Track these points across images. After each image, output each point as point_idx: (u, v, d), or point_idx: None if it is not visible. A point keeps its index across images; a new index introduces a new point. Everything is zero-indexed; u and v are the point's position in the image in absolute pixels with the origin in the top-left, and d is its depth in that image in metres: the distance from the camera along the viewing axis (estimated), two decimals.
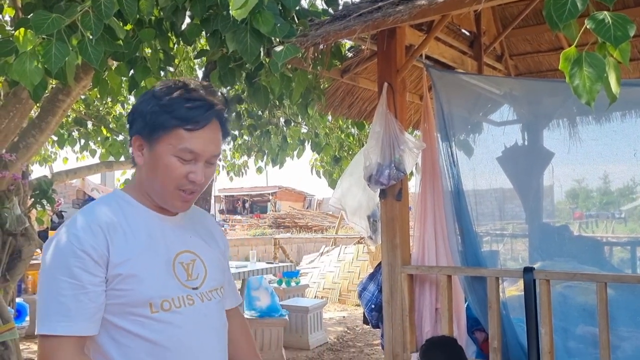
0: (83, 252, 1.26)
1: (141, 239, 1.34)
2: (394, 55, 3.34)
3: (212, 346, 1.40)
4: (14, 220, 4.72)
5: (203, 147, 1.34)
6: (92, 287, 1.26)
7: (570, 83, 1.94)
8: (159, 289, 1.32)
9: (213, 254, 1.49)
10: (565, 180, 4.62)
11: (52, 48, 2.53)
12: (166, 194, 1.36)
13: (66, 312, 1.24)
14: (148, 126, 1.34)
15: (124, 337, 1.30)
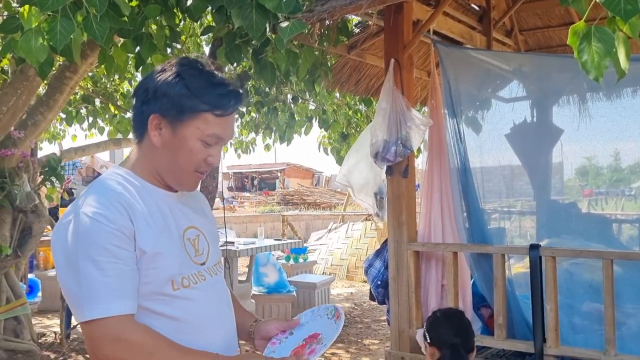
0: (118, 230, 1.24)
1: (156, 218, 1.33)
2: (401, 31, 3.30)
3: (226, 318, 1.45)
4: (24, 197, 4.77)
5: (228, 133, 1.37)
6: (132, 265, 1.25)
7: (579, 58, 1.91)
8: (178, 266, 1.33)
9: (212, 229, 1.50)
10: (575, 158, 4.59)
11: (57, 25, 2.51)
12: (183, 176, 1.37)
13: (116, 292, 1.21)
14: (175, 108, 1.31)
15: (147, 317, 1.29)
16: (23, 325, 4.92)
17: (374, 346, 5.45)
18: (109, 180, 1.36)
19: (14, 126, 4.53)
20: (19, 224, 4.92)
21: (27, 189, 4.83)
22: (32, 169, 4.95)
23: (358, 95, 5.09)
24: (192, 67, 1.35)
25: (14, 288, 4.92)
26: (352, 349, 5.36)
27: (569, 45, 1.92)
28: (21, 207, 4.81)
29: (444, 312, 2.38)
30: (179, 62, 1.38)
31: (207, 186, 4.29)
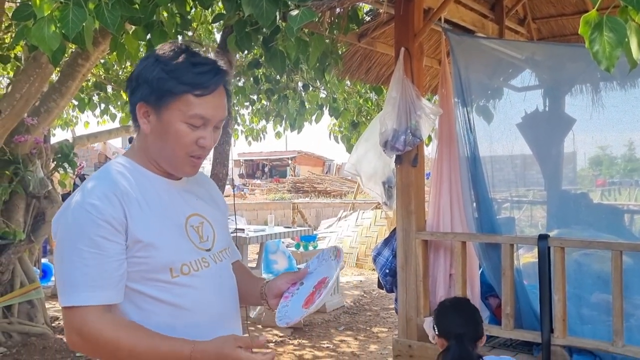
0: (104, 221, 1.25)
1: (154, 205, 1.34)
2: (412, 19, 3.28)
3: (229, 305, 1.45)
4: (37, 183, 4.83)
5: (213, 113, 1.33)
6: (116, 256, 1.26)
7: (590, 48, 1.89)
8: (177, 254, 1.33)
9: (217, 216, 1.50)
10: (589, 147, 4.55)
11: (70, 13, 2.52)
12: (176, 161, 1.35)
13: (92, 282, 1.23)
14: (155, 93, 1.31)
15: (146, 302, 1.31)
16: (37, 309, 5.01)
17: (382, 334, 5.48)
18: (109, 170, 1.37)
19: (27, 113, 4.58)
20: (32, 210, 5.00)
21: (40, 175, 4.89)
22: (45, 155, 5.01)
23: (368, 84, 5.07)
24: (170, 50, 1.34)
25: (28, 272, 5.00)
26: (360, 337, 5.40)
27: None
28: (34, 193, 4.87)
29: (451, 302, 2.39)
30: (159, 47, 1.38)
31: (217, 173, 4.32)
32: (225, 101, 1.38)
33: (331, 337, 5.37)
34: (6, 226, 4.75)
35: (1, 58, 5.00)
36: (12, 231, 4.71)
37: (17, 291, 4.83)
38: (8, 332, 4.73)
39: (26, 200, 4.94)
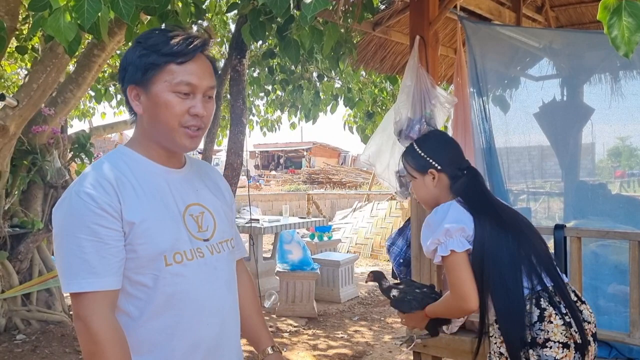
0: (100, 209, 1.26)
1: (150, 193, 1.35)
2: (427, 7, 3.25)
3: (223, 298, 1.42)
4: (55, 172, 4.89)
5: (198, 79, 1.34)
6: (113, 242, 1.27)
7: (609, 34, 1.85)
8: (171, 242, 1.33)
9: (221, 206, 1.49)
10: (608, 138, 4.48)
11: (85, 3, 2.53)
12: (172, 134, 1.35)
13: (91, 269, 1.25)
14: (140, 70, 1.34)
15: (139, 290, 1.32)
16: (55, 297, 5.09)
17: (396, 324, 5.48)
18: (105, 160, 1.39)
19: (45, 103, 4.63)
20: (50, 199, 5.06)
21: (57, 165, 4.95)
22: (62, 146, 5.08)
23: (383, 73, 5.04)
24: (146, 33, 1.39)
25: (46, 261, 5.08)
26: (374, 327, 5.40)
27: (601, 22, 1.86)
28: (52, 183, 4.94)
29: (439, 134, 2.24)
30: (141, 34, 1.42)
31: (232, 163, 4.33)
32: (210, 70, 1.40)
33: (345, 327, 5.38)
34: (24, 215, 4.82)
35: (19, 49, 5.05)
36: (30, 220, 4.78)
37: (35, 279, 4.91)
38: (27, 319, 4.82)
39: (44, 190, 5.01)
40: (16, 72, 7.84)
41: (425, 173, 2.02)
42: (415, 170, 2.06)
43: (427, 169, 2.02)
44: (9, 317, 4.73)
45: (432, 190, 2.02)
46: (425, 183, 2.02)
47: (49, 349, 4.43)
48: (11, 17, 3.84)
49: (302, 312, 5.67)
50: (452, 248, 1.85)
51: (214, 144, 6.40)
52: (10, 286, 4.69)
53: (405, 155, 2.12)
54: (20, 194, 4.82)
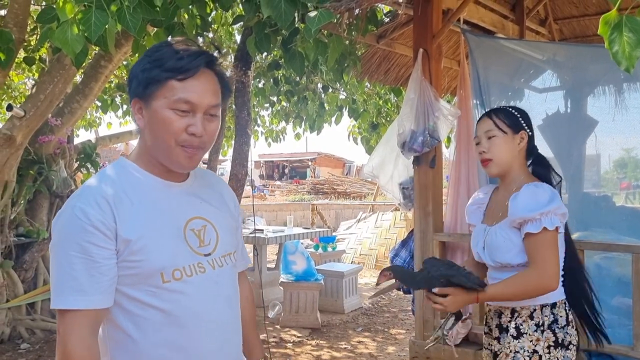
0: (92, 226, 1.24)
1: (148, 208, 1.32)
2: (430, 20, 3.27)
3: (223, 313, 1.40)
4: (61, 182, 4.93)
5: (198, 97, 1.30)
6: (103, 261, 1.25)
7: (610, 49, 1.87)
8: (169, 258, 1.31)
9: (224, 219, 1.47)
10: (614, 149, 4.48)
11: (92, 16, 2.57)
12: (169, 152, 1.32)
13: (79, 287, 1.23)
14: (142, 84, 1.31)
15: (137, 307, 1.30)
16: None
17: (400, 335, 5.47)
18: (104, 173, 1.38)
19: (51, 114, 4.68)
20: (55, 209, 5.10)
21: (63, 175, 4.99)
22: (68, 155, 5.12)
23: (387, 85, 5.06)
24: (156, 45, 1.36)
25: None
26: (378, 338, 5.39)
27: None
28: (58, 193, 4.98)
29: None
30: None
31: (236, 174, 4.36)
32: (215, 87, 1.36)
33: (349, 338, 5.37)
34: (30, 225, 4.85)
35: (26, 60, 5.11)
36: (35, 230, 4.81)
37: (40, 289, 4.93)
38: (31, 328, 4.83)
39: (50, 200, 5.04)
40: (23, 82, 7.92)
41: (517, 133, 2.07)
42: (509, 126, 2.07)
43: (520, 129, 2.08)
44: (13, 326, 4.74)
45: (514, 151, 2.06)
46: (514, 141, 2.06)
47: (53, 359, 4.44)
48: (19, 28, 3.89)
49: (306, 322, 5.67)
50: (557, 225, 1.92)
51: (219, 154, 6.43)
52: (15, 295, 4.71)
53: (498, 111, 2.13)
54: (26, 203, 4.85)
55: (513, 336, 1.99)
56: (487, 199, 2.21)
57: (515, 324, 2.00)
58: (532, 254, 1.92)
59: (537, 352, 1.95)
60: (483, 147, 2.08)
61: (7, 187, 4.45)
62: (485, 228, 2.09)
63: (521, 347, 1.96)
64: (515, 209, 1.94)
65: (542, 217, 1.90)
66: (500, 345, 2.06)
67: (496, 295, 1.96)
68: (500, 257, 1.99)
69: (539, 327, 1.97)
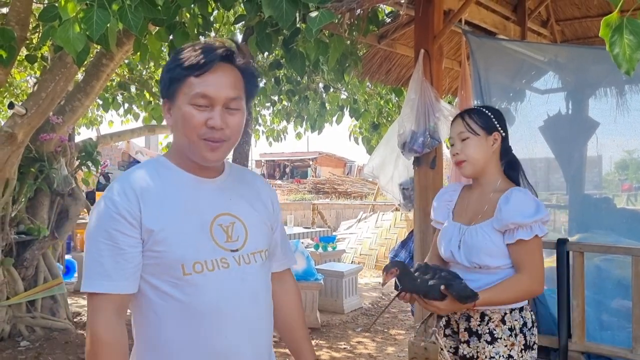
0: (119, 215, 1.31)
1: (175, 201, 1.36)
2: (431, 21, 3.28)
3: (246, 311, 1.40)
4: (62, 180, 4.93)
5: (215, 90, 1.34)
6: (128, 249, 1.31)
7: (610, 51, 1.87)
8: (191, 251, 1.33)
9: (257, 217, 1.48)
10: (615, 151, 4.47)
11: (94, 15, 2.58)
12: (193, 146, 1.37)
13: (105, 273, 1.30)
14: (166, 84, 1.38)
15: (159, 297, 1.34)
16: (59, 304, 5.11)
17: (399, 336, 5.47)
18: (137, 168, 1.44)
19: (53, 112, 4.68)
20: (56, 207, 5.10)
21: (64, 173, 4.99)
22: (69, 154, 5.11)
23: (388, 85, 5.06)
24: (185, 46, 1.41)
25: (51, 268, 5.10)
26: (377, 339, 5.39)
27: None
28: (59, 191, 4.97)
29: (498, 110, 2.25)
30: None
31: None
32: (235, 81, 1.38)
33: (348, 339, 5.37)
34: (31, 222, 4.85)
35: (28, 58, 5.11)
36: (36, 227, 4.81)
37: (40, 286, 4.93)
38: (31, 326, 4.83)
39: (50, 198, 5.04)
40: (25, 80, 7.92)
41: (490, 134, 2.08)
42: (481, 128, 2.08)
43: (493, 131, 2.09)
44: (13, 323, 4.75)
45: (488, 152, 2.08)
46: (487, 143, 2.07)
47: (53, 356, 4.45)
48: (21, 26, 3.89)
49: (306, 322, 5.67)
50: (545, 232, 1.98)
51: None
52: (15, 293, 4.71)
53: (471, 112, 2.13)
54: (27, 201, 4.85)
55: (487, 341, 2.00)
56: (456, 197, 2.20)
57: (488, 329, 2.01)
58: (523, 259, 1.96)
59: (512, 356, 1.97)
60: (456, 149, 2.10)
61: (8, 185, 4.45)
62: (461, 227, 2.07)
63: (496, 352, 1.98)
64: (508, 214, 1.95)
65: (533, 224, 1.94)
66: (471, 349, 2.05)
67: (489, 302, 1.96)
68: (478, 258, 1.99)
69: (512, 331, 1.99)
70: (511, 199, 1.98)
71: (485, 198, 2.06)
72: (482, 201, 2.07)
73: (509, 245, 1.96)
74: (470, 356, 2.05)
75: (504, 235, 1.97)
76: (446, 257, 2.10)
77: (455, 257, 2.05)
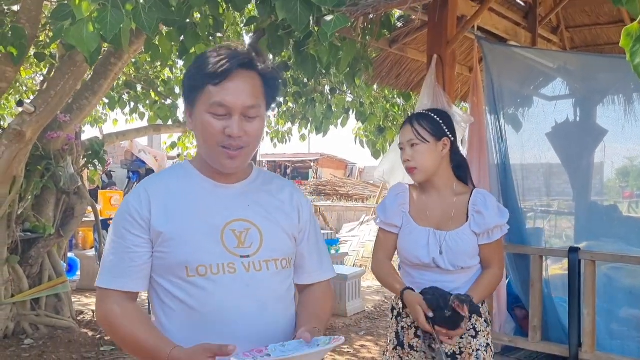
0: (129, 215, 1.37)
1: (187, 205, 1.38)
2: (445, 26, 3.27)
3: (252, 318, 1.36)
4: (68, 179, 4.92)
5: (232, 99, 1.32)
6: (135, 248, 1.36)
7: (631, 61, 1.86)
8: (196, 254, 1.34)
9: (275, 225, 1.44)
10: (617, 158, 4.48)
11: (108, 15, 2.57)
12: (212, 154, 1.37)
13: (112, 269, 1.37)
14: (186, 91, 1.40)
15: (167, 297, 1.38)
16: (63, 303, 5.09)
17: None
18: (162, 171, 1.52)
19: (61, 110, 4.67)
20: (62, 205, 5.09)
21: (70, 171, 4.98)
22: (76, 152, 5.10)
23: (398, 89, 5.06)
24: (207, 50, 1.40)
25: (56, 266, 5.09)
26: (381, 342, 5.38)
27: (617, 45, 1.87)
28: (65, 189, 4.96)
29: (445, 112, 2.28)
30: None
31: None
32: (253, 88, 1.35)
33: (352, 342, 5.36)
34: (36, 220, 4.84)
35: (37, 55, 5.10)
36: (42, 225, 4.80)
37: (45, 284, 4.92)
38: (35, 324, 4.82)
39: (56, 196, 5.03)
40: (31, 77, 7.92)
41: (439, 140, 2.12)
42: (431, 135, 2.11)
43: (442, 136, 2.13)
44: (17, 321, 4.73)
45: (438, 158, 2.12)
46: (437, 149, 2.11)
47: (56, 355, 4.43)
48: (32, 24, 3.89)
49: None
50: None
51: None
52: (20, 290, 4.70)
53: (419, 118, 2.15)
54: (33, 199, 4.84)
55: (472, 336, 2.10)
56: (407, 199, 2.20)
57: (472, 325, 2.11)
58: (494, 255, 2.13)
59: (489, 344, 2.13)
60: (407, 156, 2.13)
61: (15, 182, 4.44)
62: (435, 233, 2.10)
63: (479, 344, 2.10)
64: (491, 218, 2.07)
65: (504, 224, 2.12)
66: (452, 346, 2.09)
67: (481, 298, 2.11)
68: (463, 261, 2.08)
69: (486, 322, 2.14)
70: (488, 203, 2.10)
71: (447, 202, 2.13)
72: (445, 205, 2.13)
73: (484, 245, 2.09)
74: (452, 353, 2.10)
75: (478, 237, 2.09)
76: (425, 262, 2.11)
77: (437, 263, 2.09)
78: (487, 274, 2.11)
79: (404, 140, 2.14)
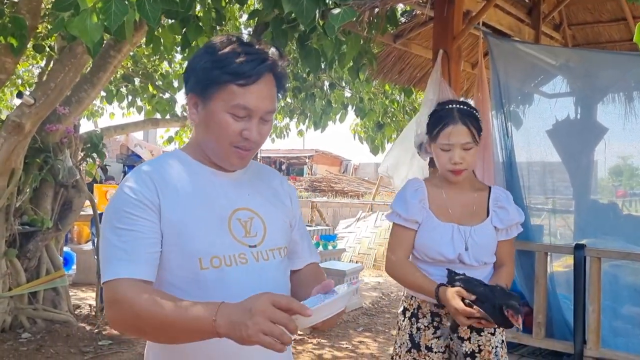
0: (137, 200, 1.27)
1: (194, 194, 1.32)
2: (452, 22, 3.26)
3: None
4: (66, 172, 4.88)
5: (256, 103, 1.28)
6: (147, 233, 1.26)
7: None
8: (209, 245, 1.29)
9: (275, 214, 1.43)
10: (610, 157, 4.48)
11: (112, 5, 2.54)
12: (221, 151, 1.33)
13: (126, 256, 1.23)
14: (200, 83, 1.30)
15: (175, 293, 1.26)
16: (61, 297, 5.06)
17: None
18: (155, 160, 1.41)
19: (59, 102, 4.63)
20: (60, 198, 5.05)
21: (69, 164, 4.94)
22: (74, 145, 5.06)
23: (401, 85, 5.04)
24: (221, 40, 1.32)
25: (54, 260, 5.06)
26: (379, 339, 5.38)
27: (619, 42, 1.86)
28: (63, 182, 4.92)
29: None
30: (214, 38, 1.37)
31: None
32: (273, 92, 1.33)
33: (350, 338, 5.36)
34: (34, 213, 4.80)
35: (36, 47, 5.05)
36: (40, 219, 4.76)
37: (42, 278, 4.89)
38: (33, 318, 4.79)
39: (55, 189, 4.99)
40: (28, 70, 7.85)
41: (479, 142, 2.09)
42: (480, 136, 2.07)
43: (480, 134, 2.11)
44: (14, 315, 4.70)
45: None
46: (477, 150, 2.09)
47: (54, 349, 4.41)
48: (33, 15, 3.84)
49: None
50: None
51: None
52: (18, 284, 4.67)
53: (471, 118, 2.04)
54: (31, 192, 4.80)
55: (491, 333, 2.09)
56: (424, 194, 2.11)
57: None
58: (510, 253, 2.13)
59: (504, 340, 2.12)
60: (459, 158, 2.00)
61: (13, 175, 4.39)
62: (459, 228, 2.05)
63: (497, 341, 2.09)
64: (514, 214, 2.08)
65: (521, 222, 2.12)
66: (472, 344, 2.08)
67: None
68: (486, 257, 2.07)
69: None
70: (510, 199, 2.11)
71: (467, 197, 2.09)
72: (465, 200, 2.09)
73: (502, 241, 2.08)
74: (472, 351, 2.08)
75: (497, 233, 2.07)
76: (450, 258, 2.05)
77: (462, 259, 2.05)
78: (503, 272, 2.07)
79: (457, 142, 1.98)
